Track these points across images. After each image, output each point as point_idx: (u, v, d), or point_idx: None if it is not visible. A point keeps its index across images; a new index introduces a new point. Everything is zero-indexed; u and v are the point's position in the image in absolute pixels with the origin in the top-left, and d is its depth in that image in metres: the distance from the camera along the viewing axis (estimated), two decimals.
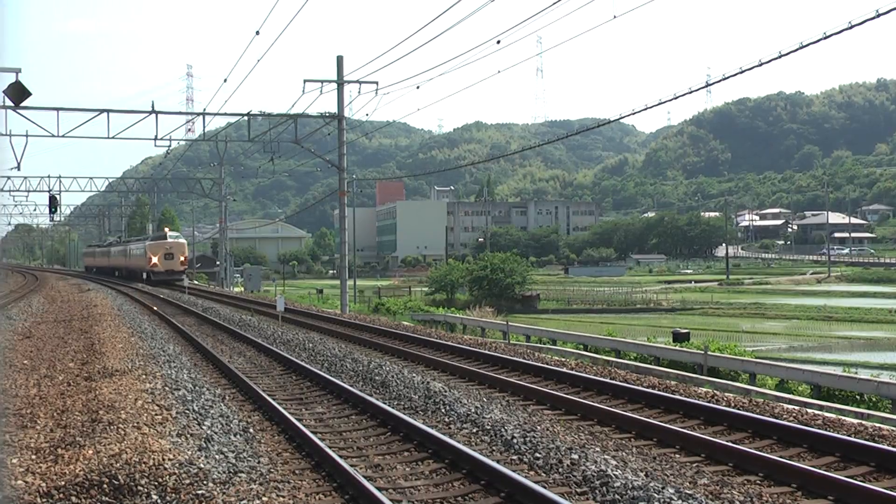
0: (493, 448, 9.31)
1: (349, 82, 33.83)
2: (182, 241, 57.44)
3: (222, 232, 65.33)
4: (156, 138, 35.50)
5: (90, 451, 8.57)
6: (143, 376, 13.52)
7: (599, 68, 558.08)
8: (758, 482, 8.19)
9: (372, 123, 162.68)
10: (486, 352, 17.64)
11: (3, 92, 24.38)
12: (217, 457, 8.54)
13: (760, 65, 17.18)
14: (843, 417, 11.23)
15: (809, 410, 11.71)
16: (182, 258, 55.50)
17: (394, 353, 18.51)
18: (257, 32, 24.97)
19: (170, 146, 40.18)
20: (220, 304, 35.72)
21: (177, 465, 7.91)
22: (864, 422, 10.91)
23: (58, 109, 32.81)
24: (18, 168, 36.83)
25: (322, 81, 32.99)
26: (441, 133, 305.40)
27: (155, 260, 54.59)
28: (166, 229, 61.80)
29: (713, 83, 19.93)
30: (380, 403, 11.49)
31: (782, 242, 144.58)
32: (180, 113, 40.14)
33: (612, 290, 71.56)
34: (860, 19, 14.38)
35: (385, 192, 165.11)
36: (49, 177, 59.43)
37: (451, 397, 11.90)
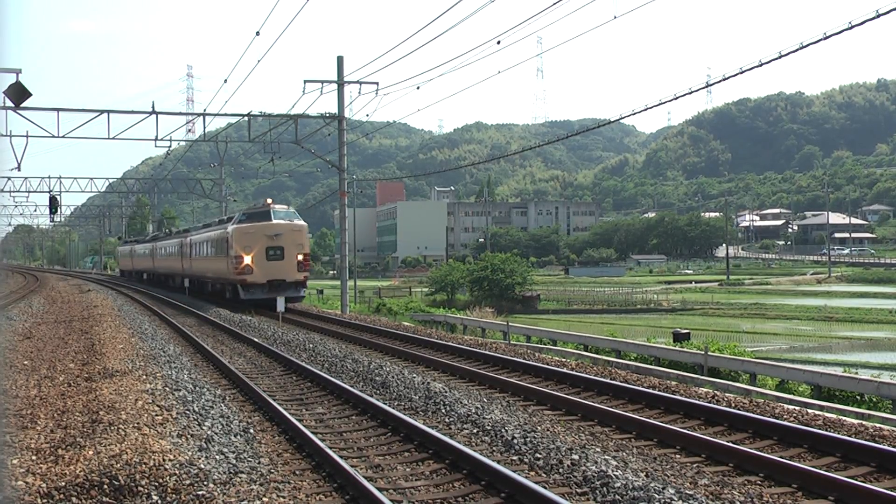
0: (494, 448, 9.31)
1: (349, 83, 33.84)
2: (300, 222, 32.38)
3: None
4: (156, 139, 35.51)
5: (90, 452, 8.57)
6: (144, 377, 13.52)
7: (599, 68, 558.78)
8: (758, 482, 8.19)
9: (372, 124, 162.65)
10: (487, 352, 17.63)
11: (4, 92, 24.41)
12: (217, 457, 8.54)
13: (761, 65, 17.18)
14: (844, 418, 11.23)
15: (810, 411, 11.72)
16: (300, 256, 31.59)
17: (394, 354, 18.51)
18: (257, 33, 24.99)
19: (170, 147, 40.18)
20: (220, 305, 35.70)
21: (177, 465, 7.91)
22: (864, 422, 10.90)
23: (58, 110, 32.81)
24: (19, 169, 36.85)
25: (322, 82, 32.99)
26: (441, 133, 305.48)
27: (248, 260, 30.82)
28: (269, 201, 33.83)
29: (713, 83, 19.93)
30: (380, 404, 11.49)
31: (783, 243, 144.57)
32: (181, 113, 40.11)
33: (612, 291, 71.54)
34: (860, 19, 14.39)
35: (385, 192, 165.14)
36: (49, 177, 59.23)
37: (451, 398, 11.90)
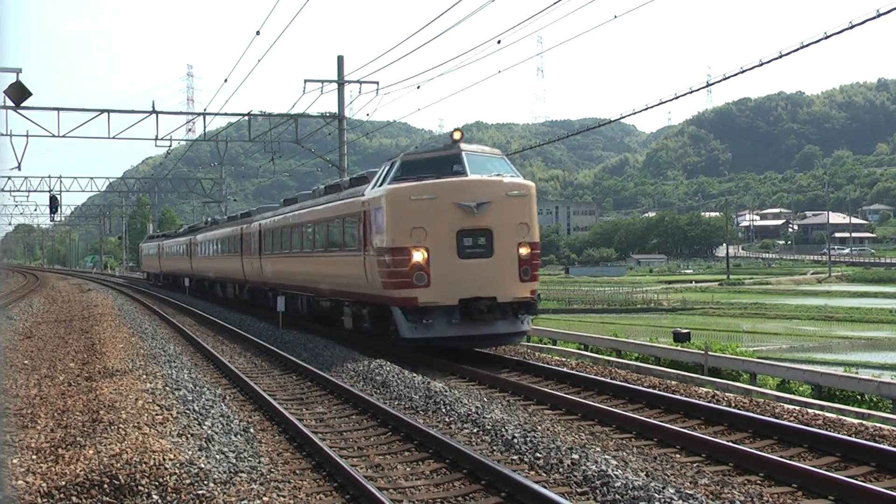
0: (494, 448, 9.31)
1: (350, 82, 33.79)
2: (519, 179, 16.57)
3: None
4: (156, 138, 35.50)
5: (91, 451, 8.57)
6: (144, 376, 13.52)
7: (600, 68, 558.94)
8: (758, 482, 8.19)
9: (372, 123, 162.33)
10: (487, 351, 17.62)
11: (4, 92, 24.44)
12: (218, 457, 8.54)
13: (761, 64, 17.17)
14: (844, 417, 11.23)
15: (810, 410, 11.72)
16: (524, 248, 16.02)
17: (394, 353, 18.48)
18: (258, 32, 24.93)
19: (170, 146, 40.13)
20: (220, 304, 35.71)
21: (177, 465, 7.91)
22: (864, 422, 10.90)
23: (58, 109, 32.81)
24: (19, 168, 36.91)
25: (322, 81, 32.94)
26: (442, 133, 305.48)
27: (418, 257, 15.50)
28: (456, 136, 16.70)
29: (714, 83, 19.92)
30: (380, 404, 11.50)
31: (783, 242, 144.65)
32: (181, 113, 40.12)
33: (612, 290, 71.54)
34: (861, 19, 14.38)
35: None
36: (49, 177, 59.40)
37: (451, 397, 11.90)
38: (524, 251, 16.04)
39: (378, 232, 16.39)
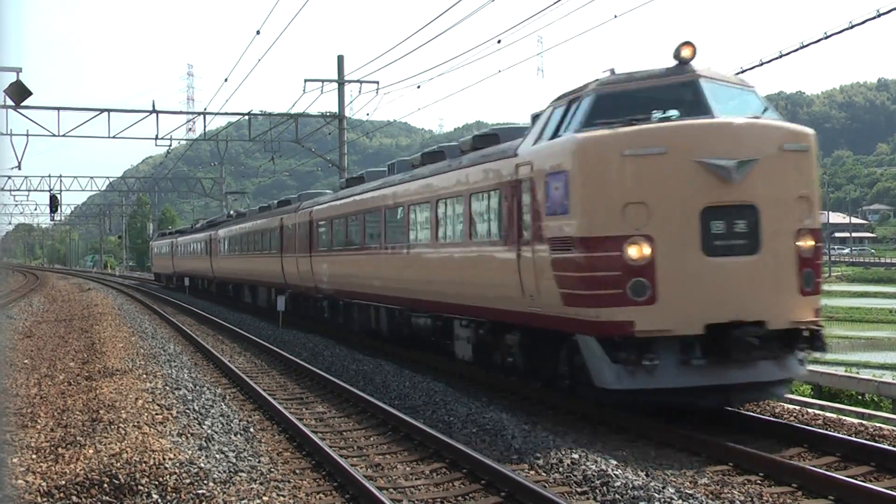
0: (494, 448, 9.30)
1: (350, 82, 33.77)
2: (795, 126, 10.35)
3: None
4: (156, 138, 35.55)
5: (91, 451, 8.57)
6: (144, 376, 13.52)
7: (600, 68, 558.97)
8: (758, 482, 8.19)
9: (372, 123, 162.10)
10: None
11: (4, 91, 24.41)
12: (217, 456, 8.55)
13: (761, 64, 17.23)
14: (844, 417, 11.23)
15: (810, 410, 11.72)
16: (804, 240, 9.86)
17: (395, 354, 18.48)
18: (258, 32, 24.93)
19: (170, 146, 40.24)
20: (220, 304, 35.70)
21: (177, 464, 7.91)
22: (864, 422, 10.91)
23: (58, 109, 32.86)
24: (19, 167, 37.00)
25: (323, 81, 32.92)
26: (442, 133, 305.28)
27: (633, 253, 9.39)
28: (686, 52, 10.13)
29: None
30: (380, 403, 11.49)
31: None
32: (181, 112, 40.28)
33: None
34: (861, 19, 14.41)
35: None
36: (49, 176, 59.47)
37: (451, 397, 11.90)
38: (806, 244, 10.04)
39: (553, 212, 10.40)
